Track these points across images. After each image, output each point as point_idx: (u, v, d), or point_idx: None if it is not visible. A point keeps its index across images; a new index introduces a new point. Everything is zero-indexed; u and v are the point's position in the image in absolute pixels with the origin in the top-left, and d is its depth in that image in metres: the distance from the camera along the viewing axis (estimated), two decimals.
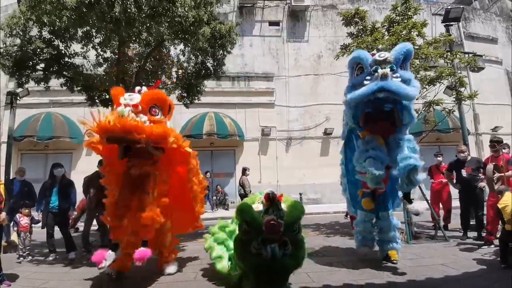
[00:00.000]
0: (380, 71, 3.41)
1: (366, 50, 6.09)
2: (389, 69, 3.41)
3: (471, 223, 5.81)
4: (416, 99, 6.24)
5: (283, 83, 13.86)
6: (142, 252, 3.31)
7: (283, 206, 2.79)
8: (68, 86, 6.42)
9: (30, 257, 5.23)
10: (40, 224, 5.41)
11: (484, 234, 5.07)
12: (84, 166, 11.11)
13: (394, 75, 3.43)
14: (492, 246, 4.68)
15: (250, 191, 8.21)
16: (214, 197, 12.23)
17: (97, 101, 7.05)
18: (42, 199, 5.37)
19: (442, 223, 6.03)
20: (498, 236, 4.43)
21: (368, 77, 3.54)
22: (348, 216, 6.39)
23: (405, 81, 3.48)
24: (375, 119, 3.69)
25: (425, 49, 5.71)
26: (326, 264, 4.19)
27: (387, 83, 3.34)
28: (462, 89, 6.15)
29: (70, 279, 4.01)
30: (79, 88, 6.62)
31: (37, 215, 5.46)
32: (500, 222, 4.25)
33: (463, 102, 6.47)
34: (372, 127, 3.76)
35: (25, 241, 5.22)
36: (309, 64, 14.22)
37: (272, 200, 2.69)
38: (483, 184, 5.44)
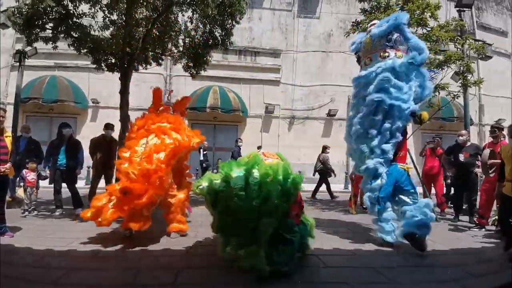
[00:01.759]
0: None
1: None
2: None
3: (463, 207, 5.98)
4: None
5: (290, 61, 13.66)
6: None
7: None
8: (75, 46, 6.39)
9: (35, 211, 5.38)
10: (47, 181, 5.60)
11: (475, 219, 5.19)
12: (88, 132, 11.24)
13: None
14: (483, 230, 4.81)
15: (331, 168, 8.63)
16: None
17: (103, 65, 7.04)
18: (49, 157, 5.53)
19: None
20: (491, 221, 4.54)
21: None
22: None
23: None
24: None
25: (437, 31, 5.60)
26: (318, 232, 4.37)
27: None
28: (469, 76, 6.10)
29: (76, 231, 4.23)
30: (85, 50, 6.59)
31: (44, 171, 5.60)
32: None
33: (468, 88, 6.43)
34: None
35: (31, 196, 5.36)
36: (319, 43, 13.92)
37: None
38: (479, 170, 5.54)
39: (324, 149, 8.72)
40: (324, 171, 8.49)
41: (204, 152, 10.94)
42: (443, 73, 5.91)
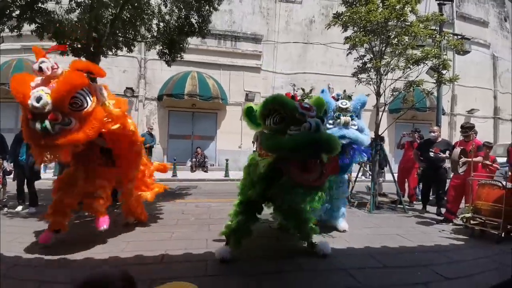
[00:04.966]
0: (343, 118, 4.06)
1: (359, 21, 5.94)
2: (349, 118, 4.10)
3: (430, 198, 6.31)
4: (399, 78, 6.34)
5: (271, 47, 13.38)
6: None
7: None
8: (38, 33, 5.89)
9: (6, 208, 5.21)
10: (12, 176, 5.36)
11: (443, 211, 5.44)
12: None
13: (352, 123, 4.10)
14: (451, 224, 5.04)
15: None
16: (194, 159, 12.27)
17: (68, 50, 6.52)
18: (13, 152, 5.24)
19: (403, 198, 6.42)
20: (460, 217, 4.72)
21: (330, 121, 4.07)
22: None
23: (360, 130, 4.15)
24: None
25: (416, 27, 5.61)
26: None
27: (348, 133, 4.02)
28: (444, 72, 6.23)
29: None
30: (49, 35, 6.08)
31: (9, 165, 5.33)
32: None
33: (443, 84, 6.60)
34: None
35: (0, 192, 5.29)
36: (300, 29, 13.68)
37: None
38: (447, 165, 5.80)
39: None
40: None
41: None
42: (419, 69, 5.99)
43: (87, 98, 2.99)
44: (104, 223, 3.53)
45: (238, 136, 12.46)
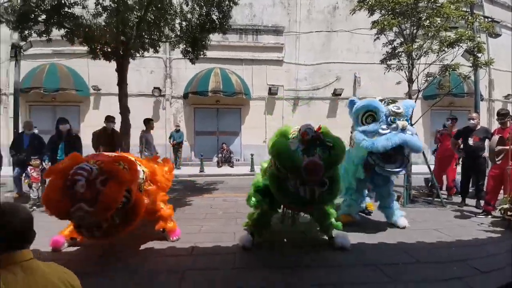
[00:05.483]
0: (399, 123, 3.70)
1: (386, 4, 5.62)
2: (406, 122, 3.76)
3: (470, 190, 5.91)
4: (433, 62, 5.97)
5: (293, 38, 13.13)
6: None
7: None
8: (69, 38, 6.21)
9: (43, 206, 5.57)
10: None
11: (482, 204, 5.08)
12: (92, 119, 11.26)
13: (407, 128, 3.77)
14: (490, 216, 4.71)
15: None
16: (220, 155, 12.49)
17: (99, 53, 6.86)
18: (49, 152, 5.60)
19: (440, 190, 6.06)
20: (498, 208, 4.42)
21: (384, 127, 3.76)
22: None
23: (413, 134, 3.82)
24: None
25: (447, 8, 5.23)
26: None
27: (408, 139, 3.66)
28: (479, 55, 5.77)
29: None
30: (80, 39, 6.42)
31: (46, 165, 5.70)
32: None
33: (479, 68, 6.11)
34: None
35: (38, 191, 5.53)
36: (323, 17, 13.27)
37: (312, 140, 2.61)
38: (486, 154, 5.40)
39: None
40: None
41: None
42: (454, 52, 5.59)
43: (128, 195, 2.85)
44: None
45: (262, 131, 12.46)
